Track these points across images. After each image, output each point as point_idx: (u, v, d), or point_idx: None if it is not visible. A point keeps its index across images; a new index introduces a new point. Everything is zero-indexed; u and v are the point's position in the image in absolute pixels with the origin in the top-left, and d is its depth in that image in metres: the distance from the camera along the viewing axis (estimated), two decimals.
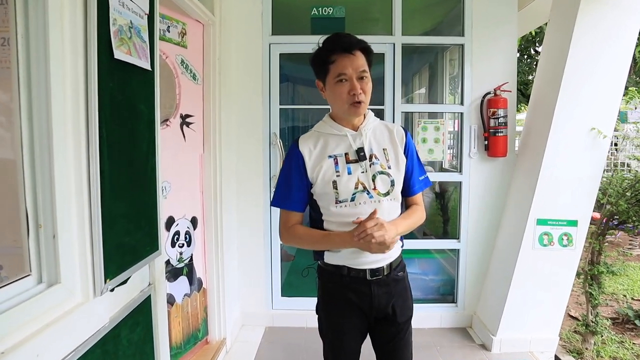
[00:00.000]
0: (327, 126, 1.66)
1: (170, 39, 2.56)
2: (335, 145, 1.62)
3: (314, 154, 1.61)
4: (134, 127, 1.64)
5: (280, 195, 1.66)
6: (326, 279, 1.71)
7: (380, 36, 3.42)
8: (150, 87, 1.77)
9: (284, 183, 1.65)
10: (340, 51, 1.51)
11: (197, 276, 2.92)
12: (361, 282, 1.62)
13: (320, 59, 1.56)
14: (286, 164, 1.65)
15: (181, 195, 2.69)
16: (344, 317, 1.66)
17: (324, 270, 1.70)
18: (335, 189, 1.56)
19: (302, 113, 3.94)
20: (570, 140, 3.00)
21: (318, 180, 1.58)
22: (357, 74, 1.51)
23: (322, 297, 1.74)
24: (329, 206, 1.59)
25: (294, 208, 1.64)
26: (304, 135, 1.68)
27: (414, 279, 3.78)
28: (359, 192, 1.57)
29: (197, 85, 2.85)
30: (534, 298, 3.13)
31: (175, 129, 2.65)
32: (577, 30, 2.89)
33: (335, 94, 1.55)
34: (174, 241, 2.66)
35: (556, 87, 2.98)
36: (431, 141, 3.52)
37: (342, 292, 1.64)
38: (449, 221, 4.25)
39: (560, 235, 3.09)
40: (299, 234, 1.64)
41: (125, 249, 1.58)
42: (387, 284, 1.64)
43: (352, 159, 1.59)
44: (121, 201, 1.54)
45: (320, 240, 1.61)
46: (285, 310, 3.59)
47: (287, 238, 1.67)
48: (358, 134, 1.62)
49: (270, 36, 3.39)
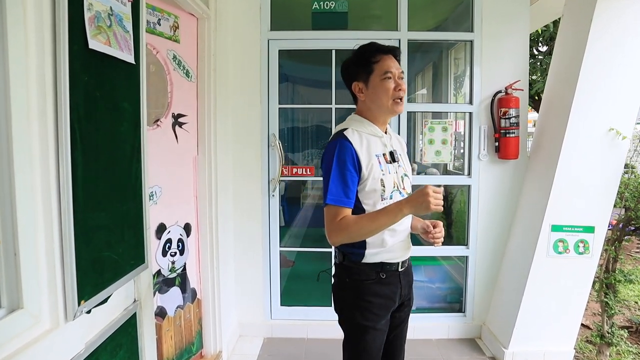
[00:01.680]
0: (366, 126, 1.72)
1: (161, 32, 2.38)
2: (375, 145, 1.69)
3: (363, 151, 1.65)
4: (115, 128, 1.46)
5: (337, 192, 1.62)
6: (361, 277, 1.70)
7: (385, 32, 3.25)
8: (134, 82, 1.60)
9: (339, 178, 1.62)
10: (384, 52, 1.66)
11: (191, 286, 2.74)
12: (394, 275, 1.71)
13: (364, 58, 1.67)
14: (339, 158, 1.62)
15: (173, 200, 2.52)
16: (378, 314, 1.69)
17: (357, 269, 1.70)
18: (383, 186, 1.64)
19: (302, 113, 3.76)
20: (586, 142, 2.83)
21: (370, 176, 1.63)
22: (398, 73, 1.66)
23: (356, 297, 1.71)
24: (376, 202, 1.65)
25: (349, 204, 1.63)
26: (346, 131, 1.68)
27: (420, 287, 3.61)
28: (395, 191, 1.68)
29: (190, 83, 2.67)
30: (549, 309, 2.96)
31: (166, 130, 2.47)
32: (594, 26, 2.73)
33: (383, 89, 1.64)
34: (165, 250, 2.48)
35: (572, 85, 2.81)
36: (438, 142, 3.34)
37: (379, 288, 1.69)
38: (452, 225, 4.13)
39: (576, 242, 2.92)
40: (353, 220, 1.60)
41: (105, 264, 1.40)
42: (408, 273, 1.80)
43: (389, 159, 1.70)
44: (99, 211, 1.36)
45: (377, 216, 1.58)
46: (284, 320, 3.41)
47: (340, 229, 1.61)
48: (388, 137, 1.75)
49: (269, 31, 3.21)
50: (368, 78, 1.67)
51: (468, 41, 3.30)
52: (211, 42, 2.75)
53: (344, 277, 1.74)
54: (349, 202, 1.62)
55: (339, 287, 1.77)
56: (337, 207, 1.62)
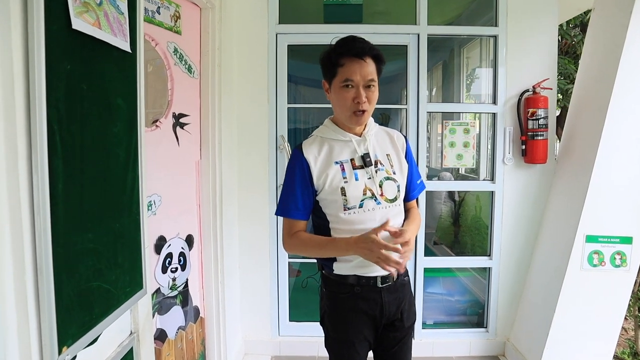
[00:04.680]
0: (331, 131, 1.62)
1: (160, 22, 2.12)
2: (340, 151, 1.58)
3: (320, 160, 1.56)
4: (106, 129, 1.21)
5: (285, 204, 1.59)
6: (335, 289, 1.64)
7: (403, 26, 3.00)
8: (130, 75, 1.35)
9: (288, 191, 1.58)
10: (351, 55, 1.48)
11: (193, 304, 2.48)
12: (372, 290, 1.58)
13: (329, 60, 1.52)
14: (290, 171, 1.59)
15: (174, 210, 2.26)
16: (354, 328, 1.61)
17: (332, 280, 1.63)
18: (344, 195, 1.52)
19: (312, 113, 3.50)
20: (625, 145, 2.59)
21: (325, 187, 1.54)
22: (364, 82, 1.49)
23: (330, 308, 1.66)
24: (337, 213, 1.55)
25: (299, 216, 1.58)
26: (306, 140, 1.63)
27: (438, 299, 3.36)
28: (367, 199, 1.54)
29: (193, 79, 2.42)
30: (583, 326, 2.71)
31: (166, 131, 2.21)
32: (635, 18, 2.49)
33: (340, 98, 1.52)
34: (165, 265, 2.22)
35: (609, 84, 2.58)
36: (460, 145, 3.10)
37: (353, 302, 1.59)
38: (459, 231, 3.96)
39: (612, 254, 2.67)
40: (303, 240, 1.58)
41: (94, 297, 1.14)
42: (396, 289, 1.62)
43: (357, 164, 1.57)
44: (86, 232, 1.10)
45: (325, 245, 1.56)
46: (293, 337, 3.15)
47: (290, 245, 1.62)
48: (362, 140, 1.60)
49: (277, 25, 2.96)
50: (331, 82, 1.54)
51: (492, 36, 3.05)
52: (216, 34, 2.50)
53: (322, 287, 1.70)
54: (298, 214, 1.57)
55: (320, 295, 1.73)
56: (288, 219, 1.60)
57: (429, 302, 3.22)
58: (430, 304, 3.26)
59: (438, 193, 3.98)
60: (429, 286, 3.22)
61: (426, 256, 3.10)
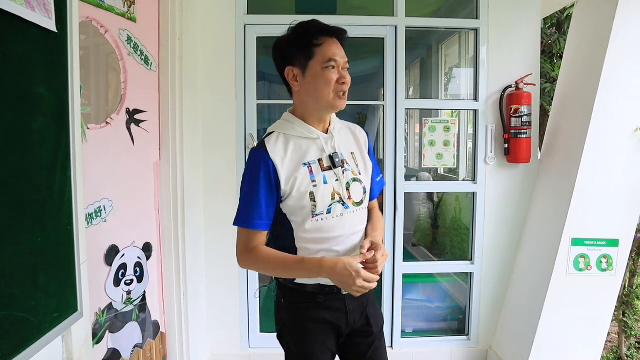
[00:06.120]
0: (296, 127, 1.43)
1: (110, 7, 1.89)
2: (306, 150, 1.42)
3: (287, 162, 1.39)
4: (22, 124, 1.00)
5: (246, 213, 1.38)
6: (295, 300, 1.49)
7: (380, 17, 2.82)
8: (58, 60, 1.13)
9: (250, 198, 1.37)
10: (328, 35, 1.37)
11: (152, 319, 2.26)
12: (336, 298, 1.46)
13: (304, 39, 1.36)
14: (253, 174, 1.37)
15: (128, 216, 2.04)
16: (317, 340, 1.48)
17: (291, 289, 1.48)
18: (313, 201, 1.38)
19: (284, 110, 3.28)
20: (611, 144, 2.50)
21: (293, 192, 1.37)
22: (343, 63, 1.39)
23: (290, 321, 1.51)
24: (305, 221, 1.40)
25: (262, 227, 1.39)
26: (267, 137, 1.43)
27: (418, 306, 3.21)
28: (334, 203, 1.41)
29: (150, 72, 2.20)
30: (569, 332, 2.59)
31: (119, 129, 1.99)
32: (620, 12, 2.39)
33: (324, 80, 1.36)
34: (118, 278, 1.99)
35: (594, 79, 2.48)
36: (440, 144, 2.94)
37: (315, 313, 1.47)
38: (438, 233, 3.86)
39: (598, 257, 2.56)
40: (264, 256, 1.39)
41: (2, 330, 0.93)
42: (359, 297, 1.43)
43: (326, 166, 1.42)
44: None
45: (292, 266, 1.38)
46: (265, 350, 2.94)
47: (247, 261, 1.42)
48: (330, 137, 1.46)
49: (245, 15, 2.74)
50: (306, 64, 1.37)
51: (472, 29, 2.91)
52: (176, 23, 2.29)
53: (280, 297, 1.53)
54: (261, 224, 1.38)
55: (277, 306, 1.56)
56: (248, 230, 1.39)
57: (408, 309, 3.06)
58: (410, 311, 3.10)
59: (417, 194, 3.85)
60: (408, 292, 3.06)
61: (405, 261, 2.94)
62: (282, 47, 1.41)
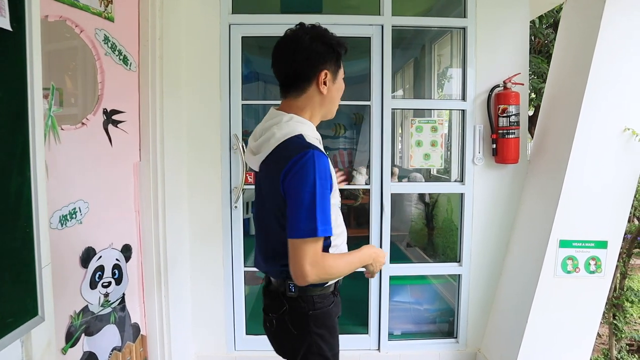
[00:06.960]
0: (315, 131, 1.44)
1: (85, 6, 1.87)
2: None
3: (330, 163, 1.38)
4: None
5: (324, 220, 1.26)
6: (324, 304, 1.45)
7: (366, 16, 2.79)
8: (12, 59, 1.11)
9: (324, 203, 1.27)
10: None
11: (132, 321, 2.24)
12: (338, 292, 1.54)
13: (336, 50, 1.40)
14: (323, 179, 1.27)
15: (105, 217, 2.01)
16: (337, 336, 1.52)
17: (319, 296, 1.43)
18: (340, 197, 1.49)
19: None
20: (599, 144, 2.45)
21: (334, 189, 1.39)
22: None
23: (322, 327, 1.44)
24: (337, 216, 1.43)
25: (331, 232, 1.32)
26: (309, 139, 1.34)
27: (406, 308, 3.18)
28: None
29: (129, 72, 2.17)
30: (557, 334, 2.55)
31: (95, 130, 1.96)
32: (608, 10, 2.36)
33: (339, 92, 1.48)
34: (95, 280, 1.97)
35: (582, 79, 2.44)
36: (427, 144, 2.91)
37: (336, 309, 1.52)
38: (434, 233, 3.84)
39: (587, 259, 2.52)
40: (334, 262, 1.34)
41: None
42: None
43: None
44: None
45: (353, 262, 1.42)
46: (251, 352, 2.91)
47: (322, 271, 1.28)
48: None
49: (230, 14, 2.72)
50: (337, 72, 1.44)
51: (460, 28, 2.87)
52: (156, 22, 2.26)
53: (306, 311, 1.41)
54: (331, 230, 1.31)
55: (304, 323, 1.42)
56: (317, 239, 1.26)
57: (395, 311, 3.03)
58: (398, 313, 3.07)
59: (408, 195, 3.82)
60: (396, 294, 3.03)
61: (397, 262, 2.91)
62: (317, 46, 1.36)
